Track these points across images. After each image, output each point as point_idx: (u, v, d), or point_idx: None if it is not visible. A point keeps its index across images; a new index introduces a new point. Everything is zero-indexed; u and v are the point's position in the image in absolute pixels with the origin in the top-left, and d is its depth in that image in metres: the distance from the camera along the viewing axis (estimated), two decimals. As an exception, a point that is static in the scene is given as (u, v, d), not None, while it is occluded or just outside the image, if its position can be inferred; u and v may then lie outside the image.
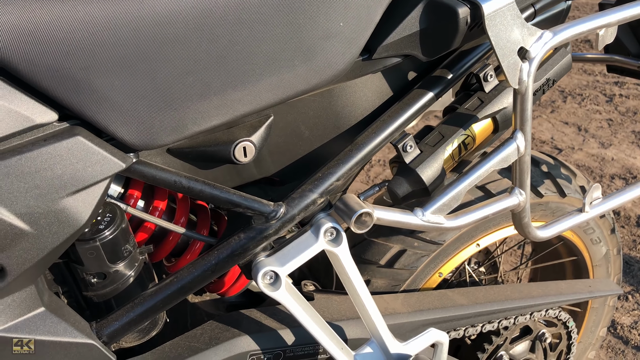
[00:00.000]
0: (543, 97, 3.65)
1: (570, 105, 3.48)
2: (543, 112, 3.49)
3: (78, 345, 0.69)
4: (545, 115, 3.44)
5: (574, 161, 2.90)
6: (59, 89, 0.58)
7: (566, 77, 3.86)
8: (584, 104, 3.44)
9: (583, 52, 1.39)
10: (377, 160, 2.84)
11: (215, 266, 0.72)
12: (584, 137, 3.13)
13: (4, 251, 0.60)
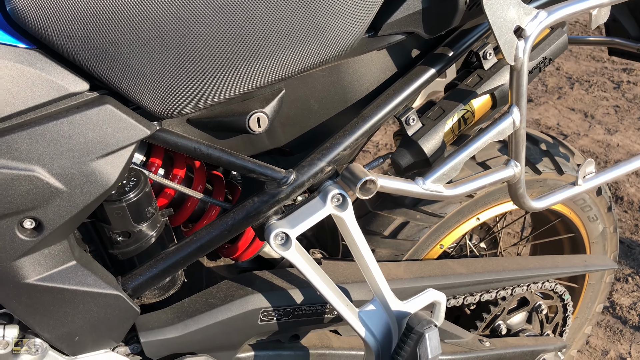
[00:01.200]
0: (550, 83, 3.68)
1: (578, 92, 3.50)
2: (550, 98, 3.52)
3: (106, 296, 0.75)
4: (551, 101, 3.47)
5: (579, 147, 2.94)
6: (90, 61, 0.64)
7: (574, 63, 3.88)
8: (591, 90, 3.46)
9: (584, 35, 1.43)
10: (384, 145, 2.89)
11: (231, 227, 0.79)
12: (590, 124, 3.16)
13: (41, 207, 0.67)
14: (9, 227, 0.67)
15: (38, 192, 0.66)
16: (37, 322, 0.74)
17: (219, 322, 0.83)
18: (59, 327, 0.75)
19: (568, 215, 1.30)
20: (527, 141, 1.20)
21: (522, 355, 1.15)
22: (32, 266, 0.70)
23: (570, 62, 3.93)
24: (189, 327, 0.83)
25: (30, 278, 0.70)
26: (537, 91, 3.67)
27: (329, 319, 0.92)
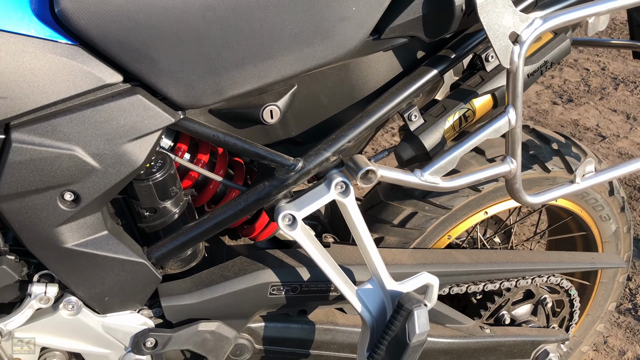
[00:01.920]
0: (593, 84, 3.63)
1: (622, 93, 3.45)
2: (591, 98, 3.48)
3: (132, 263, 0.86)
4: (593, 102, 3.43)
5: (618, 149, 2.91)
6: (124, 57, 0.74)
7: (621, 63, 3.82)
8: (637, 92, 3.40)
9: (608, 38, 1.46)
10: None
11: (244, 207, 0.88)
12: (632, 126, 3.11)
13: (79, 182, 0.77)
14: (52, 198, 0.78)
15: (77, 169, 0.77)
16: (73, 282, 0.85)
17: (231, 293, 0.93)
18: (92, 288, 0.86)
19: (579, 213, 1.34)
20: (538, 140, 1.25)
21: (522, 344, 1.20)
22: (70, 233, 0.81)
23: (617, 62, 3.86)
24: (204, 295, 0.93)
25: (68, 243, 0.81)
26: (579, 91, 3.63)
27: (333, 297, 1.00)
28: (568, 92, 3.73)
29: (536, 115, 3.49)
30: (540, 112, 3.53)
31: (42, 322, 0.87)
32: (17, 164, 0.74)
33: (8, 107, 0.71)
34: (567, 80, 3.86)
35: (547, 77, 3.95)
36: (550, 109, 3.59)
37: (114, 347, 0.92)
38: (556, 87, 3.84)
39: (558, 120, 3.44)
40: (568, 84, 3.84)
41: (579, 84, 3.67)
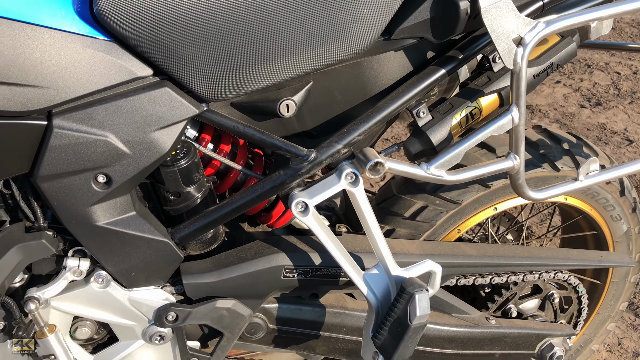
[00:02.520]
0: (624, 87, 3.61)
1: (654, 97, 3.42)
2: (620, 102, 3.45)
3: (157, 242, 0.94)
4: (622, 105, 3.41)
5: (644, 154, 2.89)
6: (154, 53, 0.81)
7: (657, 66, 3.77)
8: (670, 96, 3.36)
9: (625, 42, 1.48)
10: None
11: (260, 194, 0.95)
12: (662, 131, 3.09)
13: (111, 166, 0.85)
14: (86, 179, 0.86)
15: (109, 154, 0.85)
16: (104, 258, 0.93)
17: (247, 274, 1.00)
18: (120, 264, 0.94)
19: (589, 212, 1.37)
20: (549, 140, 1.29)
21: (527, 337, 1.24)
22: (101, 212, 0.89)
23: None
24: (222, 275, 1.00)
25: (99, 221, 0.90)
26: (608, 95, 3.61)
27: (343, 282, 1.06)
28: (597, 96, 3.71)
29: (562, 118, 3.48)
30: (567, 115, 3.52)
31: (74, 293, 0.95)
32: (57, 148, 0.82)
33: (51, 96, 0.79)
34: (597, 83, 3.83)
35: (576, 80, 3.93)
36: (577, 112, 3.57)
37: (139, 320, 1.00)
38: (585, 90, 3.81)
39: (584, 124, 3.42)
40: (597, 87, 3.81)
41: (609, 88, 3.64)
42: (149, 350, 1.04)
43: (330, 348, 1.15)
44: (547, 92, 3.80)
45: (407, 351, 0.93)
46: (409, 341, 0.92)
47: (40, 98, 0.78)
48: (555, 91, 3.83)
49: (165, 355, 1.05)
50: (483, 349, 1.21)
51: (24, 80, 0.77)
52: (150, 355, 1.05)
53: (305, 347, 1.14)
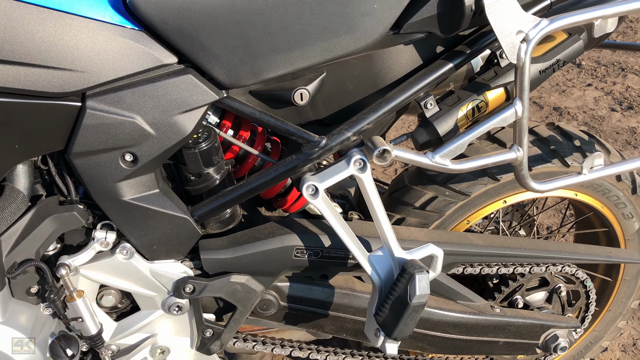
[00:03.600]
0: (658, 89, 3.56)
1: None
2: (652, 106, 3.41)
3: (178, 218, 1.01)
4: (654, 108, 3.36)
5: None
6: (179, 41, 0.88)
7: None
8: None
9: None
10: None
11: (274, 176, 1.01)
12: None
13: (137, 145, 0.93)
14: (115, 157, 0.94)
15: (136, 134, 0.92)
16: (128, 231, 1.01)
17: (260, 252, 1.06)
18: (143, 237, 1.02)
19: (600, 209, 1.39)
20: (560, 136, 1.32)
21: (531, 327, 1.28)
22: (127, 188, 0.97)
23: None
24: (237, 252, 1.07)
25: (126, 197, 0.97)
26: (644, 99, 3.57)
27: (351, 264, 1.11)
28: (629, 100, 3.66)
29: (591, 121, 3.46)
30: (596, 118, 3.49)
31: (101, 263, 1.03)
32: (89, 127, 0.90)
33: (85, 80, 0.87)
34: (630, 87, 3.78)
35: (609, 83, 3.89)
36: (608, 115, 3.54)
37: (159, 290, 1.07)
38: (617, 93, 3.77)
39: (614, 127, 3.40)
40: (630, 91, 3.76)
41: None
42: (168, 320, 1.12)
43: (338, 327, 1.21)
44: (578, 95, 3.78)
45: (407, 328, 0.98)
46: (409, 319, 0.97)
47: (75, 81, 0.86)
48: (586, 94, 3.80)
49: (183, 325, 1.12)
50: (487, 336, 1.25)
51: (61, 65, 0.85)
52: (168, 325, 1.12)
53: (314, 326, 1.20)
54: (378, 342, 1.03)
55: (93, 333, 1.05)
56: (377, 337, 1.03)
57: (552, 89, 3.87)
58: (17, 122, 0.87)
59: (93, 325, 1.04)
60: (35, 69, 0.84)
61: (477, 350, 1.28)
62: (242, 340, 1.22)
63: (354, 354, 1.29)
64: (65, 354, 1.02)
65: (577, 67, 4.15)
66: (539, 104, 3.66)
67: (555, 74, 4.04)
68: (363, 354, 1.31)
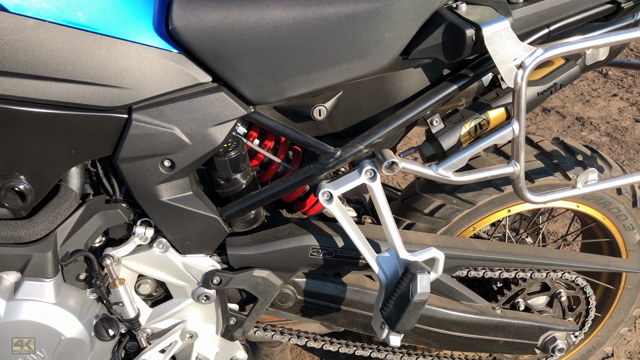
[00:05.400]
0: (681, 104, 3.57)
1: None
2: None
3: (208, 217, 1.14)
4: (675, 122, 3.37)
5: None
6: (213, 63, 1.01)
7: None
8: None
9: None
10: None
11: (293, 183, 1.13)
12: None
13: (175, 153, 1.06)
14: (155, 163, 1.07)
15: (174, 143, 1.05)
16: (165, 228, 1.15)
17: (280, 250, 1.19)
18: (177, 233, 1.15)
19: (602, 221, 1.47)
20: (563, 151, 1.41)
21: (530, 328, 1.37)
22: (165, 190, 1.10)
23: None
24: (260, 249, 1.19)
25: (163, 198, 1.11)
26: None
27: (362, 264, 1.23)
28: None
29: (614, 131, 3.49)
30: (619, 129, 3.52)
31: (140, 255, 1.17)
32: (134, 137, 1.03)
33: (131, 96, 1.01)
34: (657, 98, 3.79)
35: (635, 94, 3.90)
36: (631, 126, 3.56)
37: (189, 281, 1.21)
38: (642, 104, 3.79)
39: (637, 138, 3.42)
40: (657, 102, 3.77)
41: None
42: (196, 309, 1.25)
43: (349, 321, 1.32)
44: (602, 105, 3.80)
45: (409, 323, 1.09)
46: (410, 314, 1.08)
47: (123, 97, 1.00)
48: (610, 104, 3.82)
49: (210, 313, 1.26)
50: (487, 335, 1.35)
51: (112, 83, 0.98)
52: (197, 313, 1.26)
53: (327, 319, 1.32)
54: (383, 334, 1.15)
55: (131, 317, 1.19)
56: (382, 329, 1.15)
57: (576, 98, 3.90)
58: (74, 131, 1.01)
59: (132, 309, 1.18)
60: (90, 87, 0.98)
61: (479, 348, 1.38)
62: (263, 330, 1.34)
63: (364, 347, 1.41)
64: (107, 333, 1.16)
65: (603, 76, 4.16)
66: (561, 114, 3.71)
67: (581, 84, 4.07)
68: (373, 347, 1.42)
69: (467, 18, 1.00)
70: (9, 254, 1.07)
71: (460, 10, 1.03)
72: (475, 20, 0.99)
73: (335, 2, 0.99)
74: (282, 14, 0.98)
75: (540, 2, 1.06)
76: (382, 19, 1.00)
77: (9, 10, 0.89)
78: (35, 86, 0.95)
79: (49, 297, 1.10)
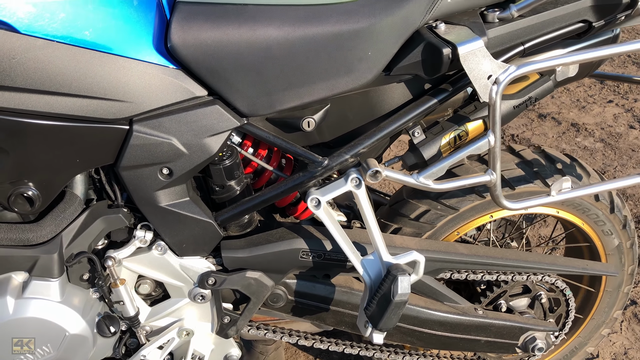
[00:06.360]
0: (675, 111, 3.62)
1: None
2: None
3: (203, 221, 1.22)
4: (668, 129, 3.43)
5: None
6: (209, 78, 1.09)
7: None
8: None
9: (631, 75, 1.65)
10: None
11: (283, 190, 1.21)
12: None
13: (172, 162, 1.14)
14: (154, 171, 1.14)
15: (172, 153, 1.13)
16: (163, 231, 1.22)
17: (271, 252, 1.26)
18: (174, 236, 1.23)
19: (581, 226, 1.54)
20: (544, 159, 1.48)
21: (511, 328, 1.44)
22: (163, 196, 1.18)
23: None
24: (252, 252, 1.27)
25: (162, 203, 1.18)
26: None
27: (349, 266, 1.30)
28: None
29: (608, 137, 3.55)
30: (614, 135, 3.58)
31: (140, 257, 1.25)
32: (135, 146, 1.11)
33: (132, 108, 1.08)
34: (652, 104, 3.85)
35: (630, 100, 3.97)
36: (625, 132, 3.62)
37: (186, 282, 1.28)
38: (637, 110, 3.85)
39: (630, 145, 3.48)
40: (652, 108, 3.83)
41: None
42: (193, 308, 1.33)
43: (337, 320, 1.40)
44: (597, 111, 3.86)
45: (390, 322, 1.17)
46: (392, 313, 1.15)
47: (125, 109, 1.08)
48: (606, 110, 3.88)
49: (205, 312, 1.33)
50: (470, 335, 1.42)
51: (114, 97, 1.06)
52: (193, 312, 1.33)
53: (317, 318, 1.40)
54: (367, 332, 1.22)
55: (131, 315, 1.26)
56: (366, 327, 1.22)
57: (572, 104, 3.97)
58: (79, 141, 1.09)
59: (132, 308, 1.26)
60: (94, 100, 1.05)
61: (461, 347, 1.45)
62: (256, 328, 1.42)
63: (353, 346, 1.48)
64: (108, 330, 1.24)
65: (600, 83, 4.22)
66: (557, 120, 3.77)
67: (577, 90, 4.14)
68: (362, 346, 1.49)
69: (445, 37, 1.08)
70: (18, 255, 1.15)
71: (439, 30, 1.10)
72: (452, 40, 1.06)
73: (322, 22, 1.07)
74: (274, 34, 1.06)
75: (515, 22, 1.13)
76: (365, 38, 1.07)
77: (20, 32, 0.97)
78: (44, 100, 1.03)
79: (54, 295, 1.17)
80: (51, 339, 1.19)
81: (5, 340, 1.16)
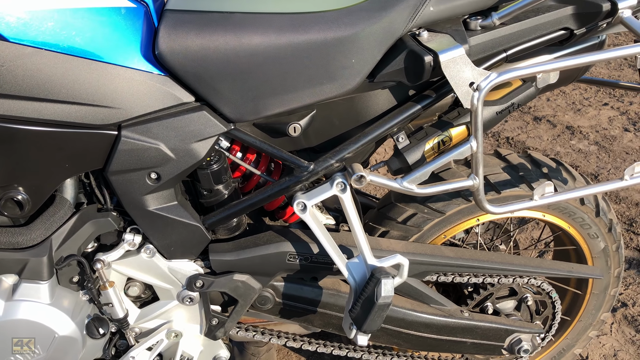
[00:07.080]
0: (670, 114, 3.64)
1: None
2: (662, 128, 3.49)
3: (191, 225, 1.24)
4: (662, 131, 3.44)
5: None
6: (196, 85, 1.11)
7: None
8: None
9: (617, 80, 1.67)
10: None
11: (270, 194, 1.23)
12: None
13: (160, 166, 1.16)
14: (142, 175, 1.17)
15: (160, 157, 1.15)
16: (152, 234, 1.24)
17: (259, 256, 1.28)
18: (163, 240, 1.25)
19: (567, 229, 1.56)
20: (530, 164, 1.50)
21: (497, 330, 1.46)
22: (152, 200, 1.20)
23: None
24: (240, 255, 1.29)
25: (150, 207, 1.20)
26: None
27: (336, 269, 1.32)
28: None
29: (602, 140, 3.56)
30: (608, 137, 3.59)
31: (129, 260, 1.27)
32: (123, 151, 1.13)
33: (121, 114, 1.10)
34: (647, 107, 3.87)
35: (626, 103, 3.99)
36: (620, 135, 3.64)
37: (174, 284, 1.30)
38: (632, 113, 3.87)
39: (624, 147, 3.50)
40: (647, 111, 3.85)
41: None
42: (181, 310, 1.35)
43: (325, 322, 1.41)
44: (592, 114, 3.88)
45: (374, 323, 1.18)
46: (376, 315, 1.17)
47: (113, 115, 1.10)
48: (601, 113, 3.90)
49: (193, 314, 1.35)
50: (456, 337, 1.44)
51: (103, 103, 1.08)
52: (182, 314, 1.35)
53: (305, 320, 1.42)
54: (351, 334, 1.24)
55: (120, 317, 1.28)
56: (350, 329, 1.24)
57: (567, 107, 3.98)
58: (68, 146, 1.11)
59: (121, 310, 1.28)
60: (83, 107, 1.07)
61: (447, 349, 1.47)
62: (245, 330, 1.44)
63: (341, 347, 1.50)
64: (98, 332, 1.26)
65: (595, 85, 4.24)
66: (552, 123, 3.79)
67: (573, 92, 4.16)
68: (350, 347, 1.51)
69: (427, 45, 1.10)
70: (8, 258, 1.17)
71: (421, 38, 1.12)
72: (434, 48, 1.08)
73: (307, 30, 1.09)
74: (259, 41, 1.08)
75: (497, 30, 1.15)
76: (349, 46, 1.10)
77: (9, 40, 0.99)
78: (33, 107, 1.05)
79: (44, 298, 1.19)
80: (41, 340, 1.21)
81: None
